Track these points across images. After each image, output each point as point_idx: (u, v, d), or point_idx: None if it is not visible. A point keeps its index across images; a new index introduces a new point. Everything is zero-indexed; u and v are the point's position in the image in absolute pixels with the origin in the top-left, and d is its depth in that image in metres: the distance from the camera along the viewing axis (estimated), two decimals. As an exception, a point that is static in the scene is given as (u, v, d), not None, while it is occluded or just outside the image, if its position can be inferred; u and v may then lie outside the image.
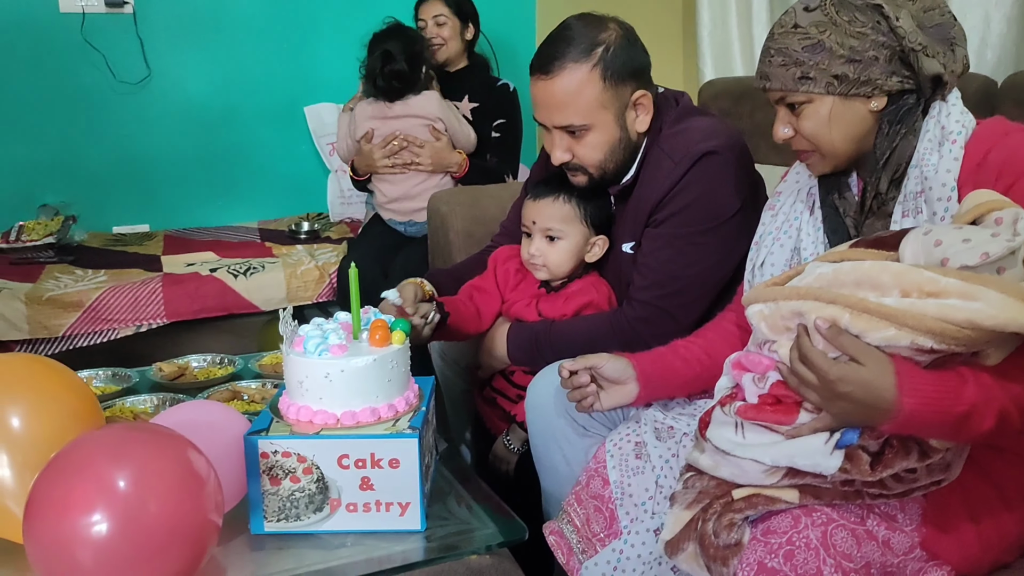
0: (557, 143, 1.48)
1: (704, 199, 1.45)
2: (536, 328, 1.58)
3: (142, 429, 1.09)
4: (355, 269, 1.22)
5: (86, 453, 1.02)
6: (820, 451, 1.01)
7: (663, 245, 1.47)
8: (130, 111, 3.21)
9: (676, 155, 1.46)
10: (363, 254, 2.57)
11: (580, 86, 1.42)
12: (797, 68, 1.13)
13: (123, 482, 0.97)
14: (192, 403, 1.37)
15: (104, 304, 2.46)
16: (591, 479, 1.31)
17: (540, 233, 1.57)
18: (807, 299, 1.02)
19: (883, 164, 1.16)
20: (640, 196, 1.51)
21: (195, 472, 1.02)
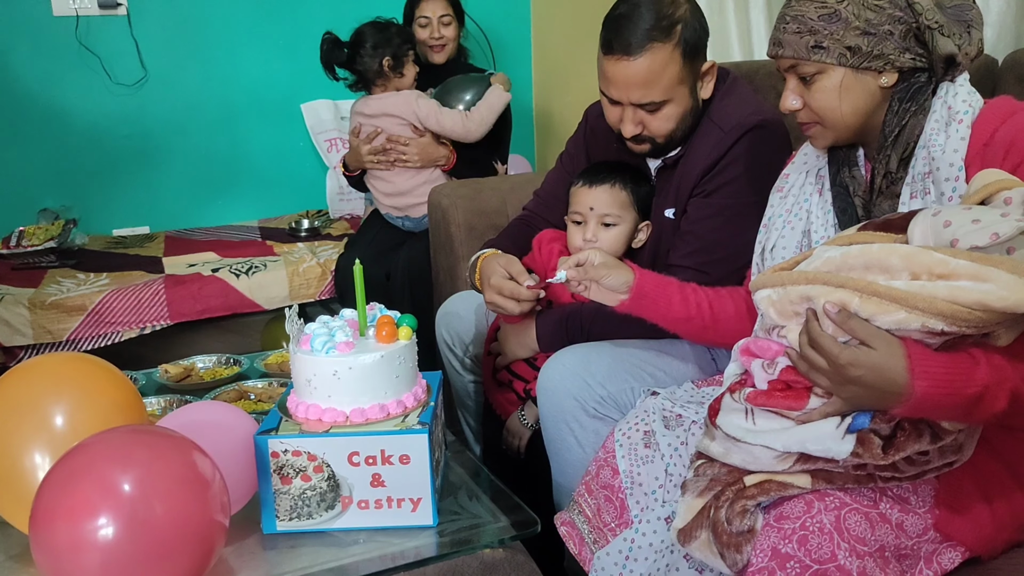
0: (630, 117, 1.49)
1: (755, 171, 1.47)
2: (565, 312, 1.58)
3: (146, 432, 1.09)
4: (359, 266, 1.22)
5: (91, 457, 1.02)
6: (831, 436, 1.00)
7: (714, 214, 1.48)
8: (127, 113, 3.20)
9: (726, 125, 1.50)
10: (363, 251, 2.56)
11: (664, 66, 1.44)
12: (811, 36, 1.13)
13: (128, 485, 0.97)
14: (197, 404, 1.36)
15: (107, 307, 2.46)
16: (601, 469, 1.31)
17: (596, 219, 1.59)
18: (816, 283, 1.01)
19: (892, 142, 1.16)
20: (688, 163, 1.53)
21: (200, 474, 1.02)
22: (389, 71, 2.56)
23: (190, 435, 1.07)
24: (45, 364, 1.22)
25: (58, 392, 1.15)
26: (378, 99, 2.61)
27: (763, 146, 1.49)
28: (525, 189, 2.31)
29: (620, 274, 1.36)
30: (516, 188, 2.32)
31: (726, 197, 1.49)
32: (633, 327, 1.54)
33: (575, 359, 1.47)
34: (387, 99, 2.59)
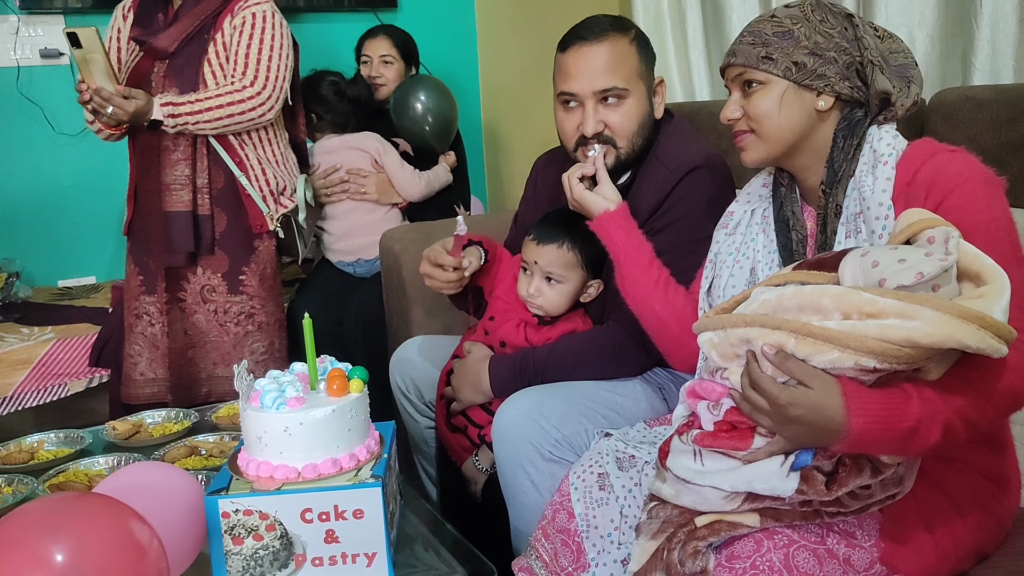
0: (590, 114, 1.52)
1: (701, 208, 1.51)
2: (518, 357, 1.60)
3: (80, 499, 1.07)
4: (309, 320, 1.22)
5: (21, 526, 0.99)
6: (776, 474, 1.03)
7: (662, 251, 1.50)
8: (70, 163, 3.15)
9: (671, 163, 1.54)
10: (313, 300, 2.55)
11: (623, 53, 1.51)
12: (763, 48, 1.20)
13: (60, 556, 0.94)
14: (136, 466, 1.32)
15: (53, 359, 2.41)
16: (556, 513, 1.31)
17: (540, 274, 1.60)
18: (753, 326, 1.05)
19: (840, 177, 1.20)
20: (635, 200, 1.56)
21: (136, 541, 0.99)
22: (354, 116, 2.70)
23: (126, 499, 1.05)
24: None
25: None
26: (339, 137, 2.67)
27: (708, 184, 1.53)
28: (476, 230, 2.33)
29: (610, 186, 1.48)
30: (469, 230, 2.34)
31: (673, 235, 1.52)
32: (585, 370, 1.56)
33: (529, 403, 1.48)
34: (349, 136, 2.67)
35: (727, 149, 1.98)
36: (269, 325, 2.30)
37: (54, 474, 1.48)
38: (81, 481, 1.47)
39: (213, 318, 2.26)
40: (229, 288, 2.25)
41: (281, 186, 2.31)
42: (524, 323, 1.65)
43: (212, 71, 2.19)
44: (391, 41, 2.82)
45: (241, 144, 2.24)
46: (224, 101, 2.13)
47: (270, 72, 2.18)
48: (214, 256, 2.25)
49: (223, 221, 2.25)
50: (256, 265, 2.27)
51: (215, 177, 2.24)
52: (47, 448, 1.64)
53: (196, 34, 2.20)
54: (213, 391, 2.29)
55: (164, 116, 2.11)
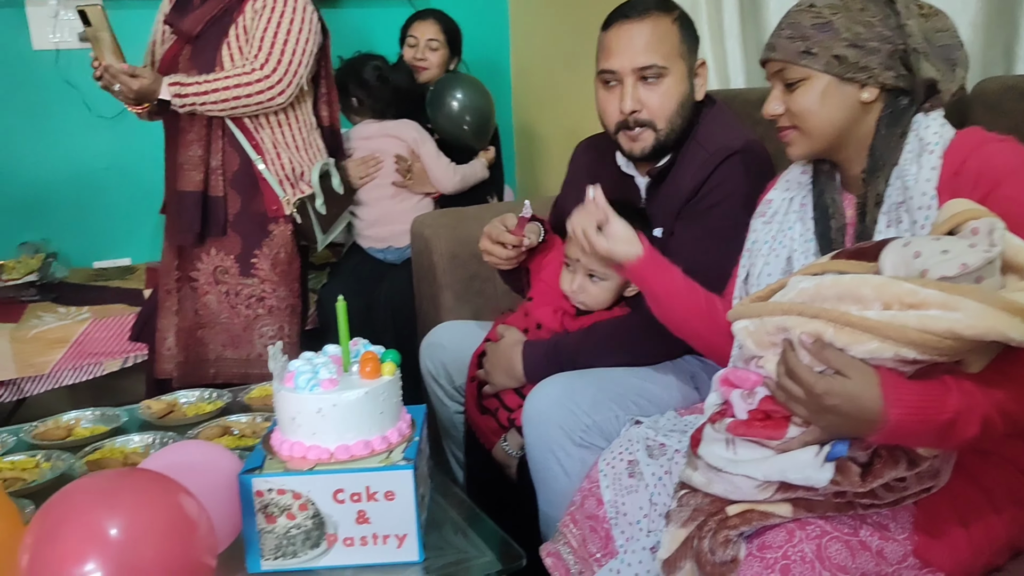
0: (629, 92, 1.52)
1: (742, 194, 1.50)
2: (551, 342, 1.60)
3: (132, 475, 1.09)
4: (343, 302, 1.23)
5: (76, 501, 1.02)
6: (811, 464, 1.02)
7: (701, 235, 1.51)
8: (107, 145, 3.19)
9: (711, 147, 1.54)
10: (344, 284, 2.56)
11: (665, 31, 1.52)
12: (802, 42, 1.17)
13: (115, 530, 0.97)
14: (181, 444, 1.36)
15: (89, 338, 2.46)
16: (585, 499, 1.32)
17: (583, 272, 1.60)
18: (791, 314, 1.04)
19: (882, 165, 1.18)
20: (674, 184, 1.56)
21: (187, 516, 1.02)
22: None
23: (175, 476, 1.07)
24: None
25: None
26: (379, 124, 2.66)
27: (748, 170, 1.53)
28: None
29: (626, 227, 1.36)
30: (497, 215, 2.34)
31: (713, 220, 1.52)
32: (618, 355, 1.55)
33: (560, 388, 1.48)
34: (388, 123, 2.66)
35: (763, 136, 1.97)
36: (280, 310, 2.31)
37: (91, 451, 1.51)
38: (117, 458, 1.49)
39: (224, 300, 2.28)
40: (241, 270, 2.27)
41: (299, 171, 2.31)
42: (563, 311, 1.64)
43: (231, 54, 2.20)
44: (440, 26, 2.81)
45: (257, 127, 2.25)
46: (231, 83, 2.14)
47: (283, 56, 2.17)
48: (227, 238, 2.27)
49: (237, 203, 2.27)
50: (269, 249, 2.28)
51: (230, 159, 2.25)
52: (84, 425, 1.67)
53: (220, 17, 2.21)
54: (220, 372, 2.31)
55: (171, 96, 2.13)
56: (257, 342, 2.30)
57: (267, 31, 2.17)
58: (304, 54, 2.21)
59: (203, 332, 2.29)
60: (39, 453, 1.51)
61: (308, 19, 2.22)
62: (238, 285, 2.28)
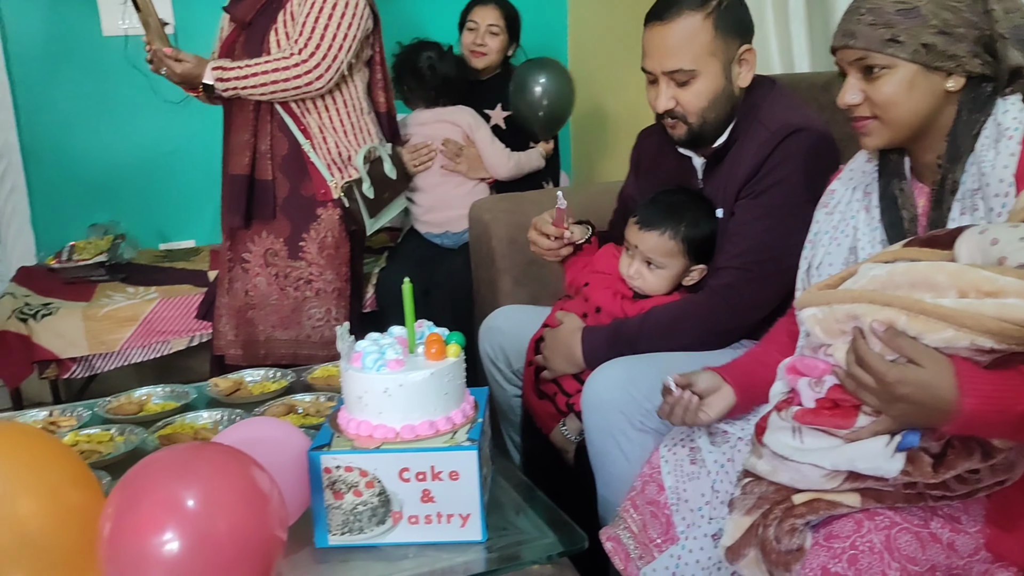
0: (663, 91, 1.54)
1: (803, 172, 1.49)
2: (611, 327, 1.61)
3: (207, 449, 1.12)
4: (409, 285, 1.24)
5: (154, 473, 1.05)
6: (881, 454, 1.00)
7: (762, 215, 1.50)
8: (173, 129, 3.27)
9: (773, 126, 1.52)
10: (402, 268, 2.59)
11: (693, 32, 1.49)
12: (887, 30, 1.12)
13: (191, 501, 1.00)
14: (251, 420, 1.40)
15: (157, 317, 2.55)
16: (646, 484, 1.32)
17: (641, 258, 1.60)
18: (862, 302, 1.02)
19: (962, 152, 1.15)
20: (734, 163, 1.56)
21: (259, 489, 1.05)
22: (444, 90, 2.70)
23: (247, 450, 1.10)
24: None
25: None
26: (432, 110, 2.69)
27: (811, 148, 1.51)
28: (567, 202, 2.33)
29: (704, 374, 1.31)
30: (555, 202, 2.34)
31: (773, 198, 1.51)
32: (678, 339, 1.55)
33: (620, 372, 1.48)
34: (442, 110, 2.68)
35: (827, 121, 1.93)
36: (327, 293, 2.34)
37: (162, 426, 1.56)
38: (188, 433, 1.54)
39: (274, 281, 2.32)
40: (290, 253, 2.31)
41: (346, 155, 2.34)
42: (620, 294, 1.65)
43: (277, 40, 2.24)
44: (500, 12, 2.80)
45: (304, 112, 2.28)
46: (270, 68, 2.17)
47: (323, 41, 2.18)
48: (276, 221, 2.31)
49: (285, 187, 2.30)
50: (316, 233, 2.31)
51: (279, 143, 2.29)
52: (155, 401, 1.73)
53: (269, 3, 2.25)
54: (270, 353, 2.36)
55: (214, 80, 2.18)
56: (305, 323, 2.34)
57: (309, 16, 2.19)
58: (346, 39, 2.21)
59: (253, 313, 2.34)
60: (113, 427, 1.57)
61: (353, 6, 2.23)
62: (287, 267, 2.32)
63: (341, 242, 2.35)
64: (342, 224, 2.34)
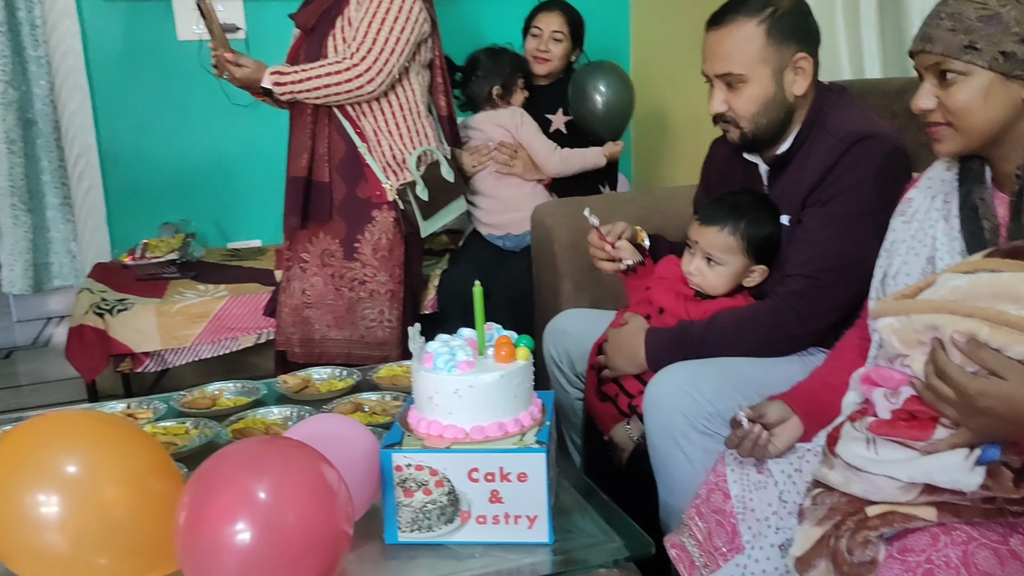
0: (716, 95, 1.57)
1: (871, 179, 1.47)
2: (675, 329, 1.60)
3: (278, 443, 1.15)
4: (479, 288, 1.26)
5: (229, 465, 1.09)
6: (960, 467, 0.99)
7: (828, 222, 1.49)
8: (242, 132, 3.36)
9: (839, 133, 1.51)
10: (465, 271, 2.62)
11: (745, 38, 1.51)
12: (966, 36, 1.10)
13: (263, 493, 1.03)
14: (321, 416, 1.43)
15: (227, 314, 2.62)
16: (711, 492, 1.31)
17: (701, 254, 1.61)
18: (942, 312, 1.00)
19: None
20: (800, 170, 1.55)
21: (328, 484, 1.08)
22: (497, 98, 2.69)
23: (316, 446, 1.13)
24: (63, 419, 1.20)
25: (73, 448, 1.12)
26: (486, 112, 2.73)
27: (879, 156, 1.48)
28: (627, 208, 2.33)
29: (772, 404, 1.30)
30: (618, 207, 2.34)
31: (841, 205, 1.49)
32: (743, 344, 1.54)
33: (683, 375, 1.48)
34: (493, 112, 2.72)
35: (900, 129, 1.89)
36: (380, 294, 2.38)
37: (235, 420, 1.60)
38: (259, 428, 1.58)
39: (330, 281, 2.37)
40: (345, 254, 2.36)
41: (401, 158, 2.36)
42: (684, 296, 1.64)
43: (335, 45, 2.28)
44: (564, 18, 2.81)
45: (360, 115, 2.32)
46: (324, 72, 2.21)
47: (375, 46, 2.21)
48: (333, 222, 2.36)
49: (342, 189, 2.35)
50: (371, 234, 2.35)
51: (336, 145, 2.34)
52: (227, 396, 1.77)
53: (329, 10, 2.30)
54: (325, 352, 2.41)
55: (271, 84, 2.24)
56: (359, 324, 2.39)
57: (363, 21, 2.23)
58: (398, 43, 2.24)
59: (310, 312, 2.40)
60: (188, 420, 1.62)
61: (407, 11, 2.25)
62: (342, 268, 2.37)
63: (395, 244, 2.39)
64: (397, 227, 2.38)
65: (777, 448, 1.28)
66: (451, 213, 2.53)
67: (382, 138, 2.34)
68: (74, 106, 3.24)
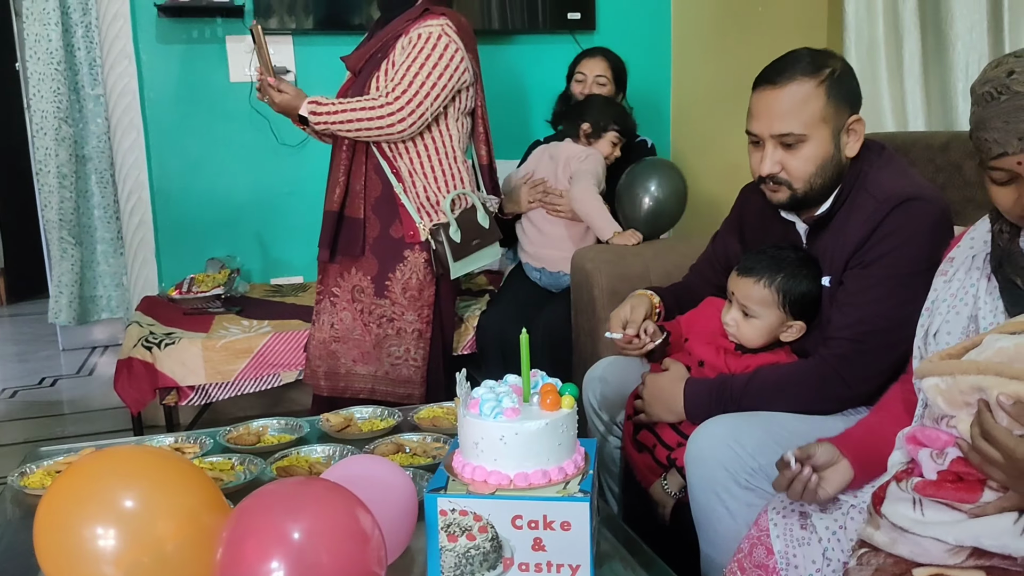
0: (769, 154, 1.54)
1: (914, 242, 1.47)
2: (716, 382, 1.61)
3: (315, 485, 1.17)
4: (526, 335, 1.28)
5: (265, 505, 1.12)
6: (1008, 531, 0.98)
7: (873, 284, 1.49)
8: (288, 172, 3.45)
9: (881, 195, 1.51)
10: (503, 312, 2.65)
11: (806, 97, 1.50)
12: None
13: (297, 534, 1.05)
14: (359, 457, 1.44)
15: (270, 350, 2.66)
16: (754, 547, 1.31)
17: (737, 305, 1.62)
18: (988, 374, 1.00)
19: None
20: (841, 232, 1.55)
21: (361, 527, 1.09)
22: (583, 135, 2.67)
23: (353, 488, 1.15)
24: (120, 455, 1.22)
25: (129, 482, 1.14)
26: (552, 147, 2.73)
27: (921, 218, 1.48)
28: (667, 255, 2.35)
29: (822, 446, 1.28)
30: (659, 254, 2.37)
31: (884, 268, 1.49)
32: (785, 402, 1.54)
33: (725, 429, 1.48)
34: (560, 147, 2.71)
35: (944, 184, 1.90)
36: (407, 333, 2.42)
37: (279, 457, 1.63)
38: (303, 466, 1.60)
39: (359, 317, 2.42)
40: (376, 291, 2.40)
41: (435, 200, 2.40)
42: (723, 349, 1.65)
43: (377, 85, 2.35)
44: (607, 63, 2.87)
45: (396, 155, 2.38)
46: (359, 106, 2.27)
47: (410, 88, 2.26)
48: (365, 259, 2.41)
49: (376, 227, 2.40)
50: (401, 273, 2.40)
51: (373, 184, 2.40)
52: (271, 433, 1.81)
53: (376, 53, 2.37)
54: (350, 386, 2.45)
55: (308, 113, 2.29)
56: (385, 360, 2.43)
57: (402, 64, 2.29)
58: (434, 87, 2.28)
59: (337, 346, 2.45)
60: (234, 456, 1.65)
61: (448, 59, 2.30)
62: (372, 304, 2.41)
63: (425, 285, 2.42)
64: (428, 267, 2.41)
65: (827, 492, 1.26)
66: (484, 258, 2.53)
67: (416, 179, 2.39)
68: (128, 144, 3.35)
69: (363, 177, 2.40)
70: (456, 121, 2.43)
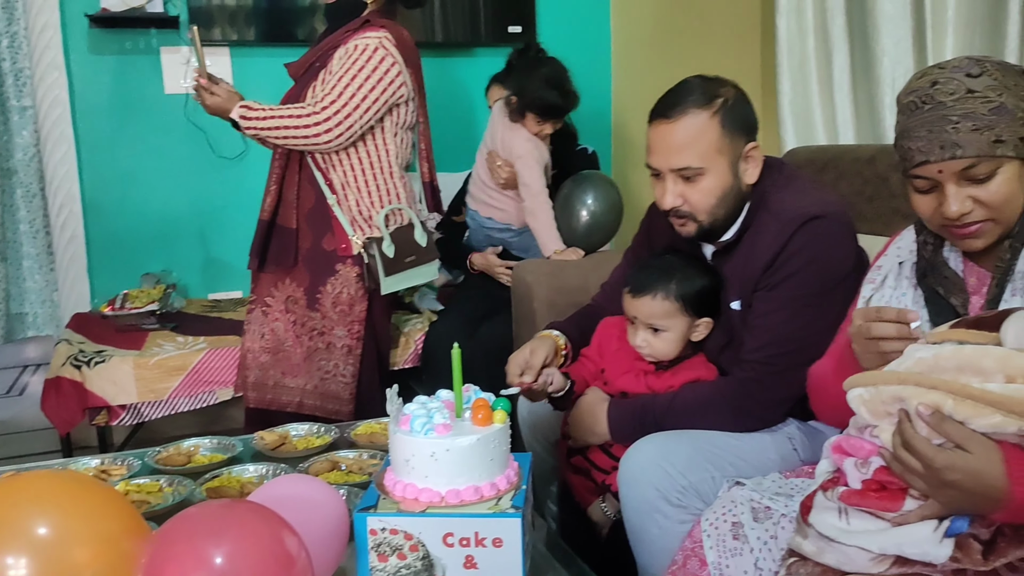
0: (670, 188, 1.53)
1: (819, 261, 1.48)
2: (638, 404, 1.61)
3: (239, 507, 1.14)
4: (457, 350, 1.27)
5: (187, 528, 1.08)
6: (929, 539, 1.00)
7: (779, 307, 1.50)
8: (227, 185, 3.40)
9: (784, 217, 1.50)
10: (449, 324, 2.64)
11: (700, 130, 1.49)
12: (990, 132, 1.10)
13: (219, 558, 1.02)
14: (288, 477, 1.40)
15: (205, 366, 2.60)
16: (687, 559, 1.31)
17: (644, 326, 1.62)
18: (907, 384, 1.02)
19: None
20: (747, 256, 1.55)
21: (287, 551, 1.06)
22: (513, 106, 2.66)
23: (279, 509, 1.12)
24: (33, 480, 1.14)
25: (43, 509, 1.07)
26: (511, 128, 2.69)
27: (824, 236, 1.49)
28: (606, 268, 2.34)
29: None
30: (598, 267, 2.37)
31: (791, 289, 1.50)
32: (706, 422, 1.54)
33: (655, 449, 1.49)
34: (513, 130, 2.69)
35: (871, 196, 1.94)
36: (336, 348, 2.38)
37: (210, 478, 1.59)
38: (234, 487, 1.56)
39: (291, 328, 2.37)
40: (308, 303, 2.36)
41: (367, 214, 2.36)
42: (643, 372, 1.66)
43: (312, 96, 2.31)
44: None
45: (330, 167, 2.34)
46: (287, 114, 2.24)
47: (338, 99, 2.22)
48: (298, 269, 2.36)
49: (308, 238, 2.36)
50: (332, 287, 2.35)
51: (306, 195, 2.36)
52: (202, 453, 1.76)
53: (315, 62, 2.34)
54: (276, 399, 2.40)
55: (238, 117, 2.25)
56: (314, 374, 2.38)
57: (336, 75, 2.26)
58: (364, 100, 2.24)
59: (267, 357, 2.39)
60: (162, 478, 1.60)
61: (382, 72, 2.25)
62: (304, 316, 2.37)
63: (356, 300, 2.37)
64: (360, 282, 2.36)
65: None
66: (419, 277, 2.46)
67: (349, 192, 2.34)
68: (59, 156, 3.26)
69: (296, 187, 2.35)
70: (395, 136, 2.38)
